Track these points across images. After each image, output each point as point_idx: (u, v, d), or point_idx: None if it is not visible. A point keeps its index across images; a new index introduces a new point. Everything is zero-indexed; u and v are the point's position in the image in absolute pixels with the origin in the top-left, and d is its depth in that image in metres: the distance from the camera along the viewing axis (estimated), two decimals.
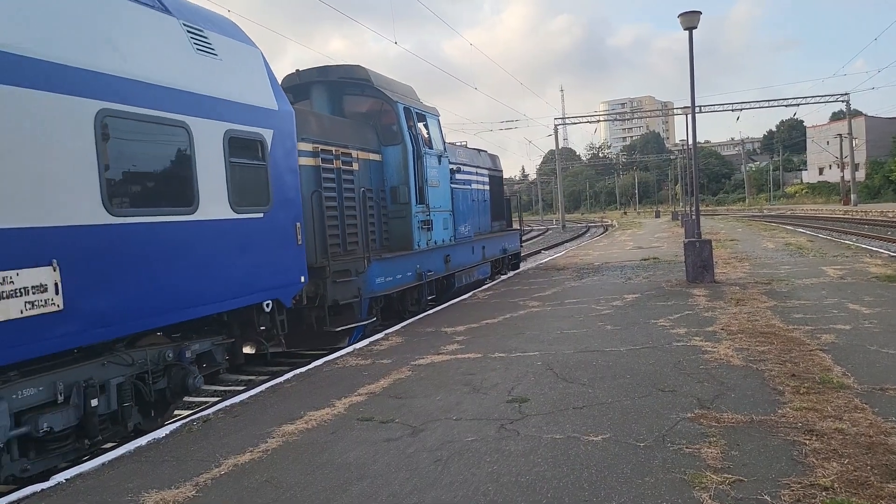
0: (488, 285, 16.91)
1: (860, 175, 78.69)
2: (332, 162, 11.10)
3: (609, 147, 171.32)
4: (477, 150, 19.24)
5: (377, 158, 12.60)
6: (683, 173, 66.42)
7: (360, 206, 11.53)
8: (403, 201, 12.75)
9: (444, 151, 14.57)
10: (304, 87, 12.89)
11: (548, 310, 12.16)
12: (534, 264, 22.78)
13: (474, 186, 17.57)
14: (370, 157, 12.38)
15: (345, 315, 10.56)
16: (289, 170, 9.02)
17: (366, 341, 10.37)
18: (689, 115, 17.02)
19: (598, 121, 78.67)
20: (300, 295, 9.57)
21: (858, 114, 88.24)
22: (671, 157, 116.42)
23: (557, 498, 4.29)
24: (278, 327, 8.86)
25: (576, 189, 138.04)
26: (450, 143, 16.09)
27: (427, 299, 13.85)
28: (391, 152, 12.74)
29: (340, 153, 11.35)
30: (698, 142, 16.90)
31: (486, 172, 18.76)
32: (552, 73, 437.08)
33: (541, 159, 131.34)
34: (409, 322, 12.02)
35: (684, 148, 62.68)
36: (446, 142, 15.08)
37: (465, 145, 18.17)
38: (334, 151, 11.17)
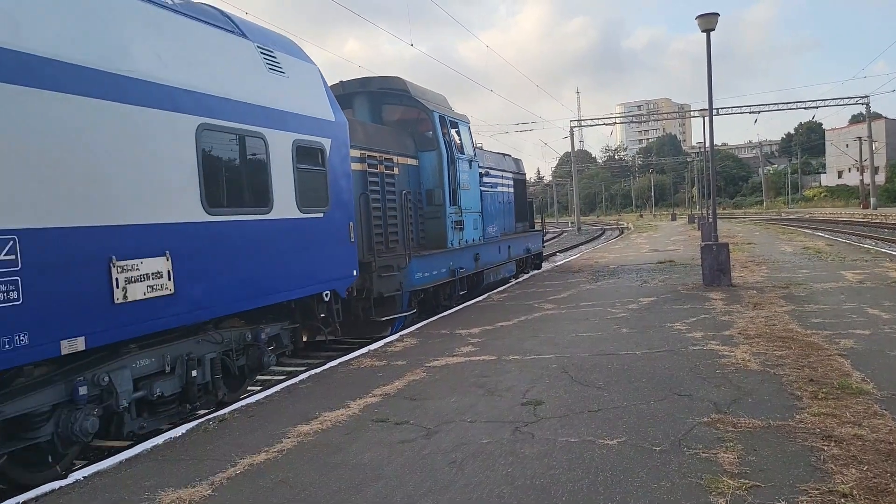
0: (503, 287, 16.89)
1: (880, 178, 77.79)
2: (377, 167, 12.06)
3: (625, 149, 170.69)
4: (502, 154, 20.15)
5: (414, 163, 13.56)
6: (700, 176, 66.03)
7: (400, 207, 12.54)
8: (438, 203, 13.66)
9: (475, 156, 15.57)
10: (347, 97, 13.59)
11: (563, 312, 12.12)
12: (549, 266, 22.71)
13: (500, 189, 18.34)
14: (408, 161, 13.35)
15: (388, 307, 11.51)
16: (343, 174, 10.04)
17: (380, 342, 10.40)
18: (707, 118, 16.92)
19: (614, 123, 78.37)
20: (350, 287, 10.46)
21: (878, 116, 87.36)
22: (688, 159, 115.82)
23: (573, 501, 4.28)
24: (334, 315, 9.92)
25: (591, 191, 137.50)
26: (478, 148, 16.81)
27: (459, 294, 14.70)
28: (427, 157, 13.71)
29: (384, 158, 12.30)
30: (715, 144, 16.78)
31: (510, 176, 19.55)
32: (567, 75, 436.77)
33: (556, 161, 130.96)
34: (423, 324, 12.03)
35: (701, 150, 62.33)
36: (475, 147, 15.99)
37: (483, 148, 18.64)
38: (378, 157, 12.11)
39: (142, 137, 6.45)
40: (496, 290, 16.32)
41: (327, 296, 9.63)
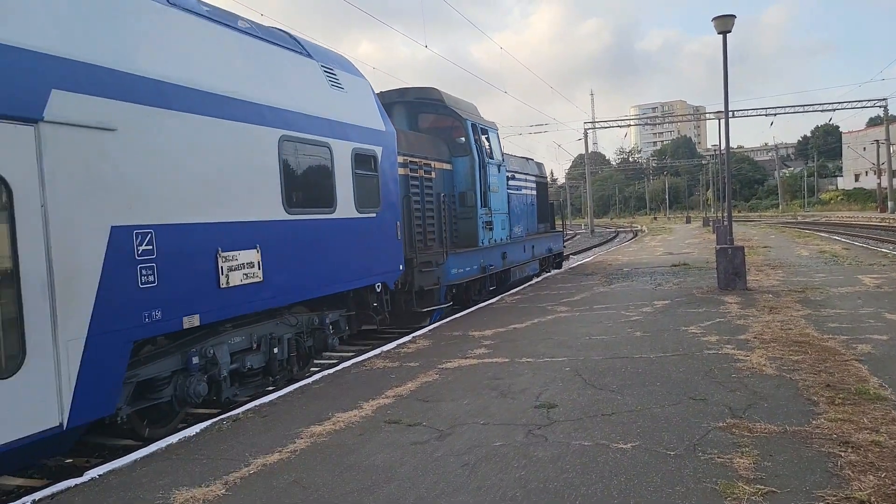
0: (516, 290, 16.87)
1: None
2: (417, 171, 13.14)
3: (639, 151, 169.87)
4: (525, 158, 21.12)
5: (448, 167, 14.64)
6: (715, 178, 65.61)
7: (437, 208, 13.63)
8: (470, 204, 14.71)
9: (503, 161, 16.64)
10: (386, 106, 14.14)
11: (576, 315, 12.08)
12: (562, 269, 22.65)
13: (524, 191, 19.39)
14: (443, 166, 14.43)
15: (427, 299, 12.65)
16: (392, 179, 11.20)
17: (392, 344, 10.41)
18: (722, 120, 16.82)
19: (628, 125, 78.07)
20: (396, 280, 11.48)
21: None
22: (703, 162, 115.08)
23: None
24: (384, 305, 11.03)
25: (605, 194, 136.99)
26: (504, 152, 17.69)
27: (489, 290, 15.84)
28: (460, 162, 14.80)
29: (423, 164, 13.41)
30: (731, 147, 16.66)
31: (533, 178, 20.57)
32: (581, 77, 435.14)
33: (570, 163, 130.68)
34: (436, 325, 12.04)
35: (716, 153, 61.95)
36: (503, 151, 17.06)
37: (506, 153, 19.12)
38: (418, 162, 13.20)
39: (239, 148, 7.62)
40: (509, 293, 16.30)
41: (379, 287, 10.78)
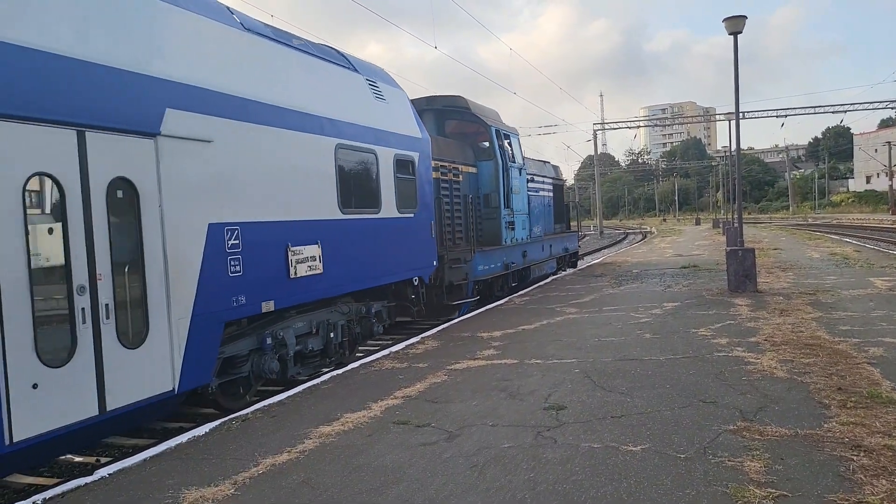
0: (524, 290, 16.85)
1: None
2: (447, 175, 14.04)
3: (649, 153, 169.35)
4: (543, 161, 22.03)
5: (474, 171, 15.54)
6: (725, 180, 65.29)
7: (464, 208, 14.61)
8: (494, 205, 15.62)
9: (523, 164, 17.59)
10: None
11: (585, 317, 12.05)
12: (571, 270, 22.61)
13: (542, 193, 20.22)
14: (469, 169, 15.34)
15: (455, 293, 13.55)
16: (427, 182, 12.24)
17: (401, 344, 10.41)
18: (733, 121, 16.73)
19: (638, 126, 77.80)
20: (430, 275, 12.53)
21: None
22: (713, 163, 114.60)
23: None
24: (420, 297, 12.14)
25: (614, 195, 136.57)
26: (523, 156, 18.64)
27: (511, 286, 16.87)
28: (485, 166, 15.71)
29: (452, 167, 14.33)
30: (741, 148, 16.57)
31: (549, 181, 21.43)
32: (589, 78, 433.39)
33: (579, 164, 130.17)
34: (444, 326, 12.03)
35: (726, 154, 61.67)
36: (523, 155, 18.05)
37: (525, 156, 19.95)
38: (448, 166, 14.11)
39: (304, 155, 8.71)
40: (518, 294, 16.29)
41: (416, 281, 11.88)
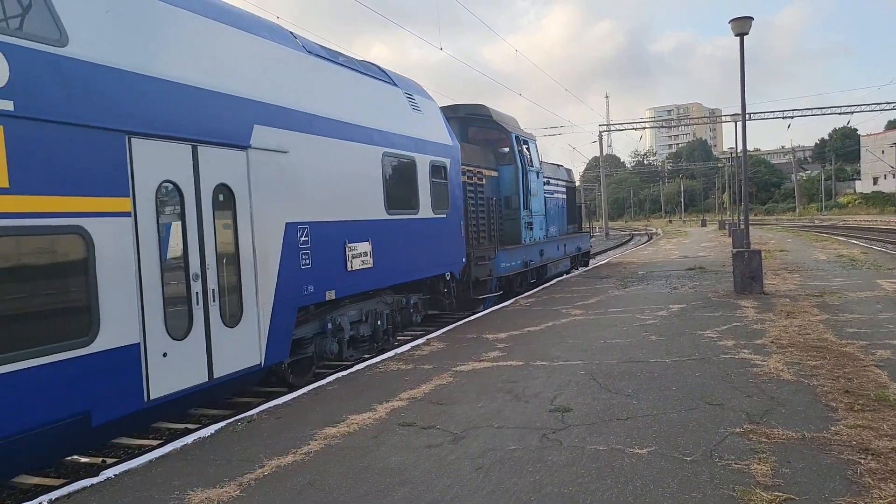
0: (530, 292, 16.83)
1: None
2: (472, 178, 15.06)
3: (654, 154, 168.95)
4: (556, 164, 23.24)
5: (495, 174, 16.67)
6: (731, 181, 65.10)
7: (487, 210, 15.58)
8: (514, 207, 16.76)
9: (540, 168, 18.75)
10: None
11: (591, 318, 12.02)
12: (577, 272, 22.58)
13: (556, 195, 21.36)
14: (491, 173, 16.45)
15: (480, 288, 14.62)
16: (457, 185, 13.46)
17: (406, 346, 10.41)
18: (739, 123, 16.69)
19: (643, 128, 77.66)
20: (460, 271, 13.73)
21: None
22: (719, 164, 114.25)
23: None
24: (452, 291, 13.41)
25: (620, 196, 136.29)
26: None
27: (530, 282, 18.10)
28: (505, 170, 16.86)
29: (476, 171, 15.37)
30: (747, 149, 16.53)
31: (563, 184, 22.60)
32: (594, 79, 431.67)
33: (584, 166, 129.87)
34: (450, 328, 12.03)
35: (732, 156, 61.46)
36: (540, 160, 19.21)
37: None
38: (472, 170, 15.13)
39: (357, 162, 9.93)
40: (523, 295, 16.27)
41: (448, 276, 13.11)
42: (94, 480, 5.34)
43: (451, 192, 13.02)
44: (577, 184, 26.33)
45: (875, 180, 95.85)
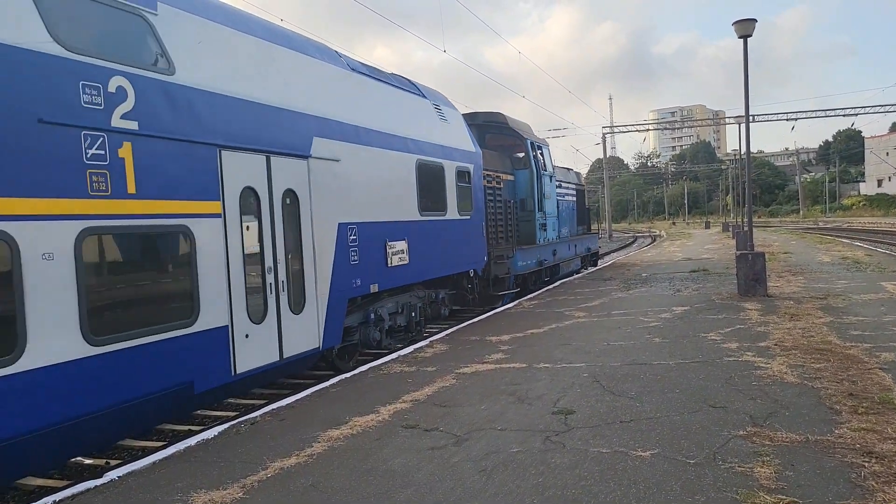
0: (533, 294, 16.82)
1: None
2: (491, 182, 16.00)
3: (658, 156, 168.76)
4: (567, 168, 24.44)
5: (511, 178, 17.74)
6: (735, 183, 65.01)
7: (504, 212, 16.65)
8: (529, 209, 17.94)
9: (553, 172, 19.77)
10: None
11: (594, 321, 12.02)
12: (580, 274, 22.56)
13: (567, 198, 22.41)
14: (508, 177, 17.50)
15: (499, 285, 15.68)
16: (479, 189, 14.61)
17: (410, 348, 10.41)
18: (743, 124, 16.67)
19: (647, 130, 77.58)
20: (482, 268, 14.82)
21: None
22: (722, 167, 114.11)
23: None
24: (475, 287, 14.53)
25: (623, 198, 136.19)
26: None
27: (544, 280, 19.11)
28: (521, 174, 17.99)
29: (494, 176, 16.32)
30: (751, 152, 16.50)
31: (573, 187, 23.72)
32: (597, 81, 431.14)
33: (587, 168, 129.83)
34: (453, 330, 12.03)
35: (736, 158, 61.36)
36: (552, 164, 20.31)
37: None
38: (491, 175, 16.07)
39: (396, 169, 10.97)
40: (526, 297, 16.27)
41: (472, 273, 14.18)
42: (98, 482, 5.36)
43: (474, 195, 14.12)
44: (586, 187, 27.56)
45: (879, 182, 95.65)
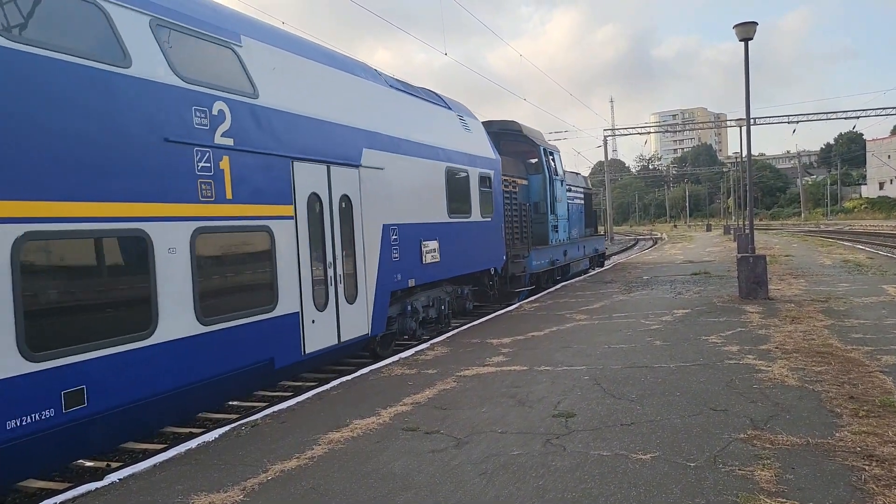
0: (535, 297, 16.83)
1: None
2: (507, 186, 17.02)
3: (660, 159, 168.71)
4: (575, 172, 25.40)
5: (525, 183, 18.80)
6: (736, 186, 64.97)
7: (520, 214, 17.82)
8: (542, 212, 19.13)
9: (564, 176, 20.95)
10: None
11: (595, 323, 12.01)
12: (581, 277, 22.55)
13: (576, 201, 23.45)
14: (522, 182, 18.56)
15: (515, 283, 16.82)
16: (499, 193, 15.81)
17: (410, 351, 10.41)
18: (744, 127, 16.66)
19: (648, 132, 77.56)
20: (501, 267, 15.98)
21: None
22: (724, 169, 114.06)
23: None
24: (495, 284, 15.79)
25: (624, 201, 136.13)
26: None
27: (556, 279, 20.07)
28: (534, 179, 19.22)
29: (510, 181, 17.38)
30: (752, 154, 16.50)
31: (581, 190, 24.70)
32: (597, 83, 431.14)
33: (589, 170, 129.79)
34: (454, 332, 12.03)
35: (737, 160, 61.34)
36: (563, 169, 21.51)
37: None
38: (508, 180, 17.14)
39: (429, 175, 12.14)
40: (528, 300, 16.27)
41: (493, 271, 15.35)
42: (99, 484, 5.36)
43: (495, 198, 15.32)
44: (592, 190, 28.50)
45: (881, 185, 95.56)
